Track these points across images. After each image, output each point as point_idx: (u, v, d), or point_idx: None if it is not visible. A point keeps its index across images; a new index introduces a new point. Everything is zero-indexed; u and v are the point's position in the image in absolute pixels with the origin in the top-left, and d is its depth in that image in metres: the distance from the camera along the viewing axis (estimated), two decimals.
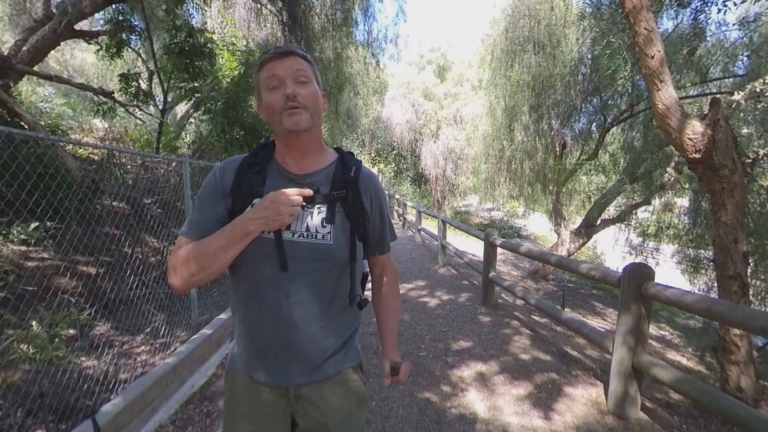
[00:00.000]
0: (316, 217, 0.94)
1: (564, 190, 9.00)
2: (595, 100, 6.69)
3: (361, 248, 1.02)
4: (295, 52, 0.92)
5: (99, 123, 8.45)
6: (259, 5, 6.18)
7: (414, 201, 17.45)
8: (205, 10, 6.99)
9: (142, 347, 3.26)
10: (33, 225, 2.73)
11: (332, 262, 0.94)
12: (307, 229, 0.93)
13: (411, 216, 13.76)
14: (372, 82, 12.14)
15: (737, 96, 3.57)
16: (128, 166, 4.87)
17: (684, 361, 4.30)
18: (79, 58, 13.06)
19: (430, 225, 12.93)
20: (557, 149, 8.16)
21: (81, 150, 5.66)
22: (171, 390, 2.68)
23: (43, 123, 5.91)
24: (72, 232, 3.32)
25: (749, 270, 3.03)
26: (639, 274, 2.33)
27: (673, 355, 4.72)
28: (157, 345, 3.25)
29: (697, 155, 2.17)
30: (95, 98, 6.33)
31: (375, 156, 22.18)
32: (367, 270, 1.17)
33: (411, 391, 2.77)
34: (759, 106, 3.62)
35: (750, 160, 3.72)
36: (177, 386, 2.76)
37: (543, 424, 2.41)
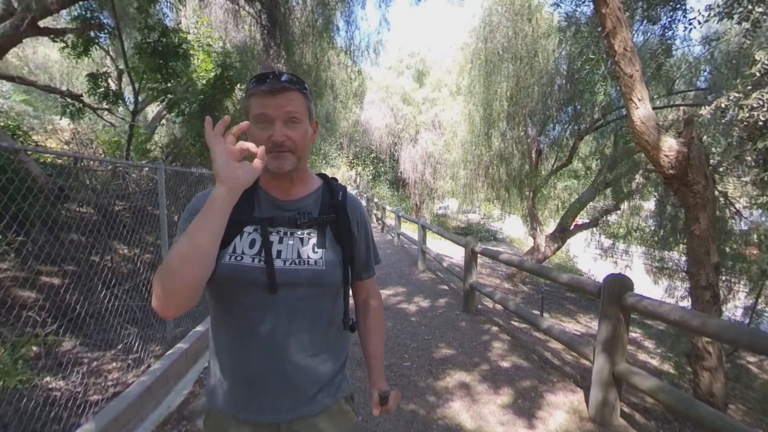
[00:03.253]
0: (307, 242, 0.93)
1: (539, 195, 9.26)
2: (569, 110, 6.91)
3: (349, 272, 1.01)
4: (289, 87, 0.87)
5: (64, 123, 8.04)
6: (237, 7, 6.04)
7: (392, 205, 17.49)
8: (180, 9, 6.77)
9: (114, 364, 3.10)
10: None
11: (325, 287, 0.93)
12: (299, 255, 0.91)
13: (390, 220, 13.79)
14: (351, 87, 12.11)
15: (704, 111, 3.76)
16: (98, 172, 4.64)
17: (655, 363, 4.47)
18: (41, 54, 12.36)
19: (409, 229, 13.00)
20: (533, 156, 8.38)
21: (46, 154, 5.35)
22: (146, 411, 2.56)
23: (2, 124, 5.57)
24: (34, 240, 3.13)
25: None
26: (618, 285, 2.40)
27: (644, 357, 4.91)
28: (129, 361, 3.10)
29: (672, 171, 2.27)
30: (61, 99, 6.02)
31: (353, 159, 22.12)
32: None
33: (397, 403, 2.75)
34: (723, 120, 3.82)
35: (710, 168, 3.96)
36: (153, 407, 2.63)
37: None
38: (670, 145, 2.26)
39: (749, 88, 3.58)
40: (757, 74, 3.35)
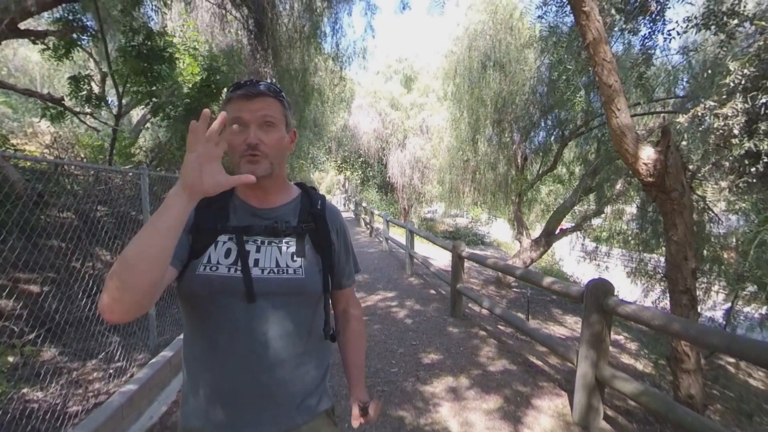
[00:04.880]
0: (286, 251, 0.92)
1: (525, 200, 9.39)
2: (552, 116, 7.04)
3: (329, 280, 1.00)
4: (266, 93, 0.88)
5: (45, 126, 7.86)
6: (223, 11, 6.02)
7: (381, 209, 17.53)
8: (165, 13, 6.70)
9: (95, 374, 3.04)
10: None
11: (306, 296, 0.92)
12: (277, 264, 0.90)
13: (378, 224, 13.79)
14: (339, 91, 12.13)
15: (682, 119, 3.88)
16: (80, 177, 4.54)
17: (638, 365, 4.56)
18: (21, 56, 12.06)
19: (397, 233, 13.03)
20: (519, 161, 8.50)
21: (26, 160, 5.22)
22: (128, 422, 2.51)
23: None
24: (12, 247, 3.05)
25: None
26: (600, 290, 2.45)
27: (627, 359, 5.00)
28: (111, 371, 3.04)
29: (651, 179, 2.34)
30: (41, 102, 5.89)
31: (341, 163, 22.12)
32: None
33: (384, 409, 2.75)
34: (700, 128, 3.95)
35: (690, 173, 4.11)
36: (135, 417, 2.58)
37: None
38: (648, 153, 2.34)
39: (724, 97, 3.72)
40: (731, 84, 3.48)
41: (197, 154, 0.70)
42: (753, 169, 3.59)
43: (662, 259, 7.50)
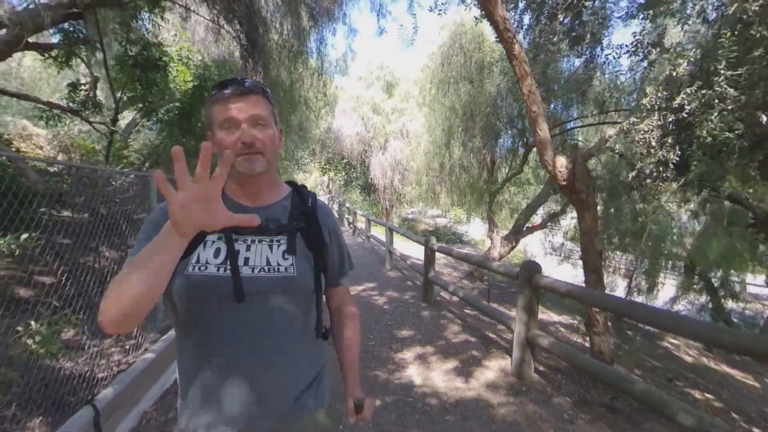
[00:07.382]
0: (276, 249, 0.92)
1: (496, 200, 10.18)
2: (517, 125, 7.82)
3: (322, 279, 1.00)
4: (254, 91, 0.88)
5: (37, 129, 8.18)
6: (218, 26, 6.54)
7: (363, 209, 18.13)
8: (161, 25, 7.16)
9: (113, 349, 3.55)
10: (24, 236, 2.97)
11: (297, 294, 0.92)
12: (268, 262, 0.90)
13: (360, 224, 14.41)
14: (324, 99, 12.74)
15: (611, 131, 4.65)
16: (85, 180, 4.99)
17: (574, 337, 5.33)
18: (14, 59, 12.16)
19: (379, 232, 13.68)
20: (489, 165, 9.27)
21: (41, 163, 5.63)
22: (147, 385, 3.03)
23: None
24: (46, 241, 3.52)
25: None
26: (529, 269, 3.14)
27: (576, 338, 5.76)
28: (128, 346, 3.56)
29: (564, 182, 3.04)
30: (38, 105, 6.30)
31: (325, 165, 22.64)
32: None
33: (361, 371, 3.37)
34: (627, 139, 4.72)
35: (632, 177, 4.90)
36: (152, 383, 3.11)
37: (462, 385, 3.14)
38: (561, 162, 3.03)
39: (644, 114, 4.50)
40: (648, 105, 4.25)
41: (181, 198, 0.65)
42: (665, 175, 4.39)
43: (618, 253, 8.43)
